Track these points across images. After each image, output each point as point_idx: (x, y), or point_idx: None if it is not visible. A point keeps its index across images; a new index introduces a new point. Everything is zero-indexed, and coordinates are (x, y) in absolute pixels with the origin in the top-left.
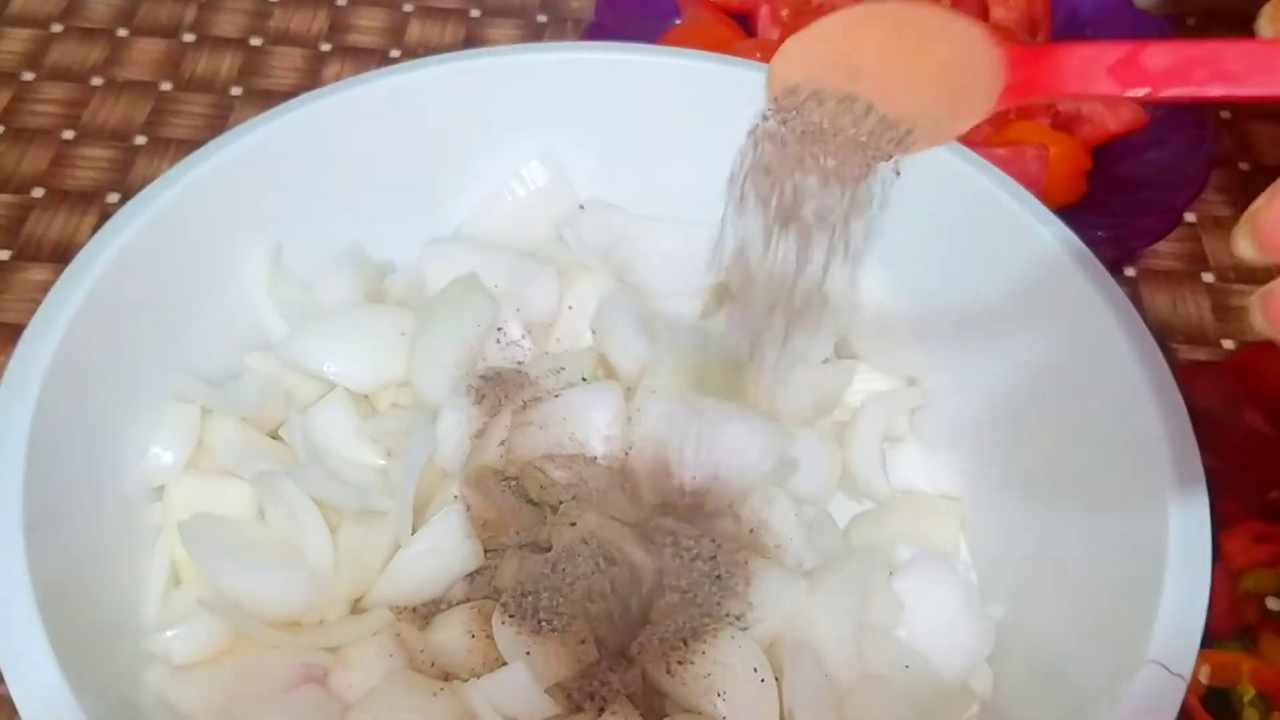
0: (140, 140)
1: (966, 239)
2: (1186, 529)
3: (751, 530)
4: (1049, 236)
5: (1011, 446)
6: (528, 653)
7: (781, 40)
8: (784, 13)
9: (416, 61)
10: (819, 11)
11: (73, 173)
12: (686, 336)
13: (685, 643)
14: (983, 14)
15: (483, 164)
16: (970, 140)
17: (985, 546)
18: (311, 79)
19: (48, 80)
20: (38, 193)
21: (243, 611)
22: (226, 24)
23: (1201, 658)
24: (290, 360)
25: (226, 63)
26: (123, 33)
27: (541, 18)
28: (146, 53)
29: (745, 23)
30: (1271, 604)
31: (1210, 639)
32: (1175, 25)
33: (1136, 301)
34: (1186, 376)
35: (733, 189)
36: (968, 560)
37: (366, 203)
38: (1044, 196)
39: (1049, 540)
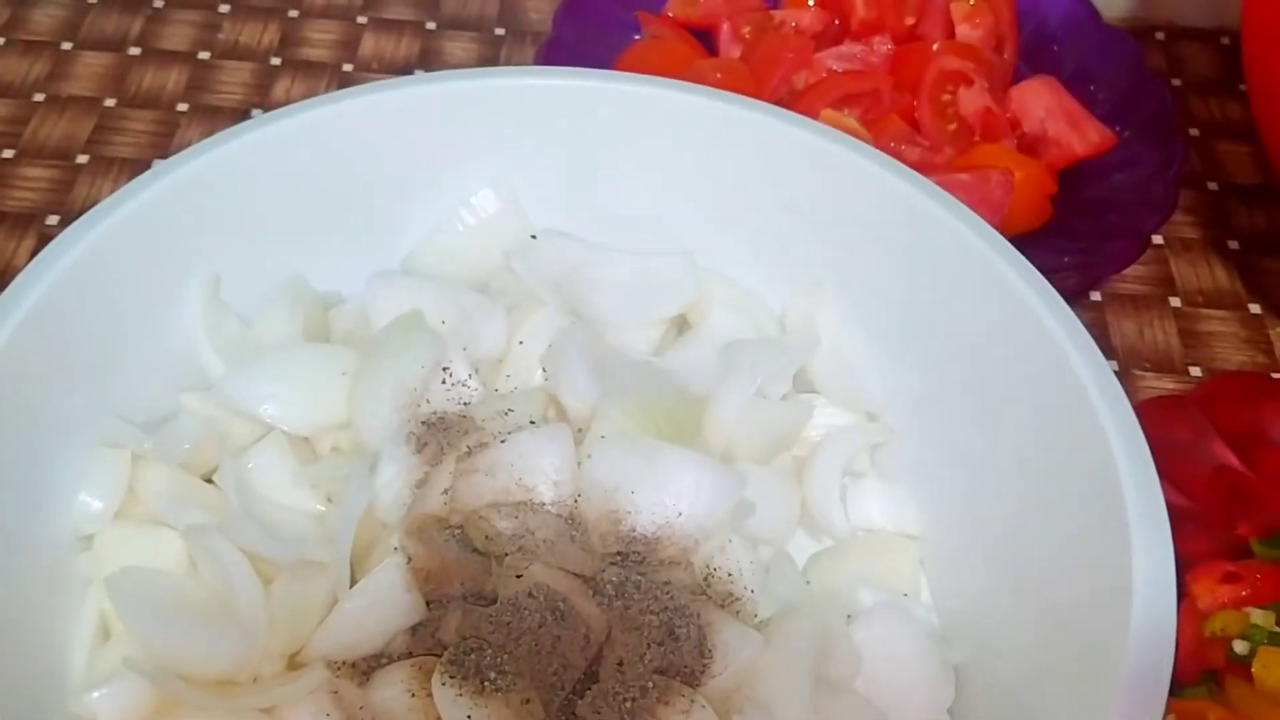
0: (82, 159)
1: (925, 272)
2: (1150, 575)
3: (705, 579)
4: (1008, 269)
5: (972, 483)
6: (469, 715)
7: (744, 58)
8: (746, 30)
9: (363, 87)
10: (779, 29)
11: (12, 194)
12: (640, 374)
13: (634, 701)
14: (949, 32)
15: (432, 192)
16: (933, 165)
17: (946, 586)
18: (260, 94)
19: None
20: None
21: (171, 672)
22: (174, 37)
23: (1167, 707)
24: (227, 402)
25: (173, 77)
26: (67, 46)
27: (499, 31)
28: (91, 67)
29: (706, 40)
30: (1239, 647)
31: (1175, 685)
32: (1144, 39)
33: (1103, 327)
34: (1153, 409)
35: None
36: (928, 602)
37: (311, 233)
38: (1009, 221)
39: (1011, 580)
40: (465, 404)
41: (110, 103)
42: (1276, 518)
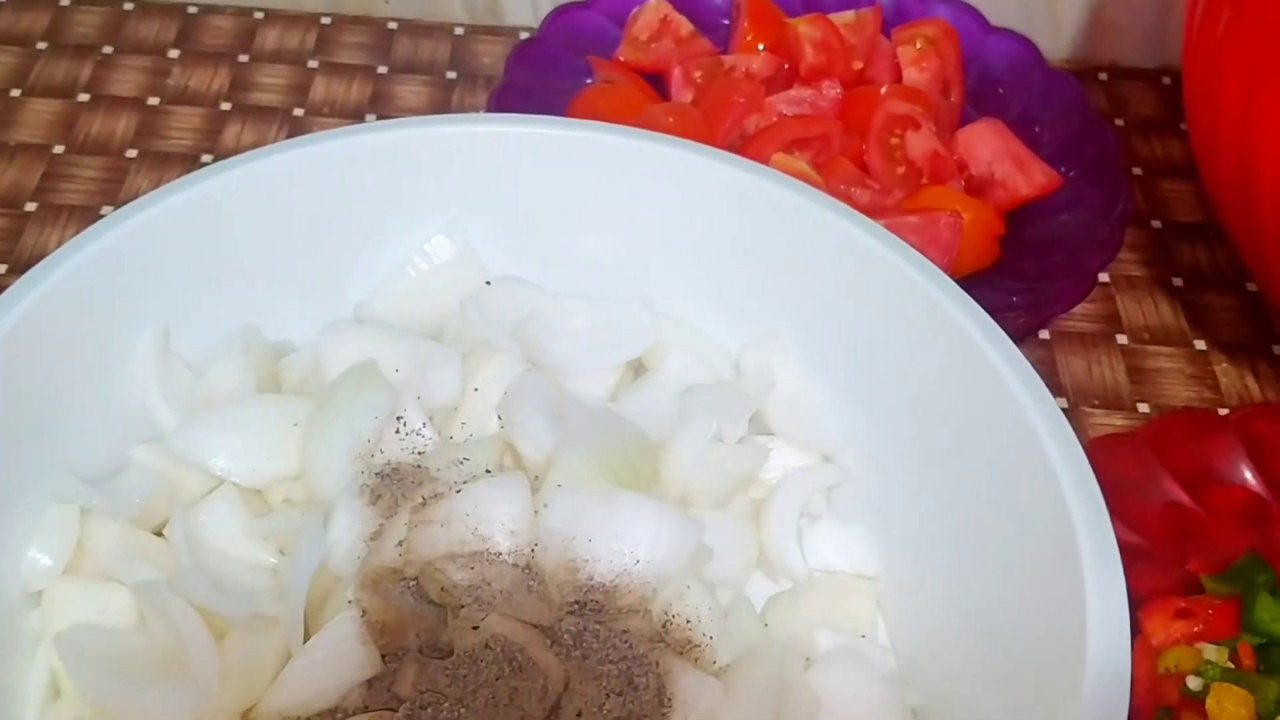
0: (31, 207)
1: (877, 316)
2: (1105, 616)
3: (664, 626)
4: (956, 311)
5: (927, 524)
6: None
7: (695, 102)
8: (697, 75)
9: (314, 135)
10: (730, 74)
11: None
12: (597, 420)
13: None
14: (896, 76)
15: (385, 239)
16: (883, 208)
17: (903, 626)
18: (211, 140)
19: None
20: None
21: None
22: (123, 83)
23: None
24: (178, 454)
25: (122, 124)
26: (15, 93)
27: (451, 75)
28: (39, 114)
29: (658, 84)
30: (1192, 683)
31: None
32: (1087, 80)
33: (1052, 365)
34: (1102, 448)
35: None
36: (885, 643)
37: (262, 282)
38: (958, 262)
39: (967, 620)
40: (420, 453)
41: (59, 149)
42: (1226, 553)
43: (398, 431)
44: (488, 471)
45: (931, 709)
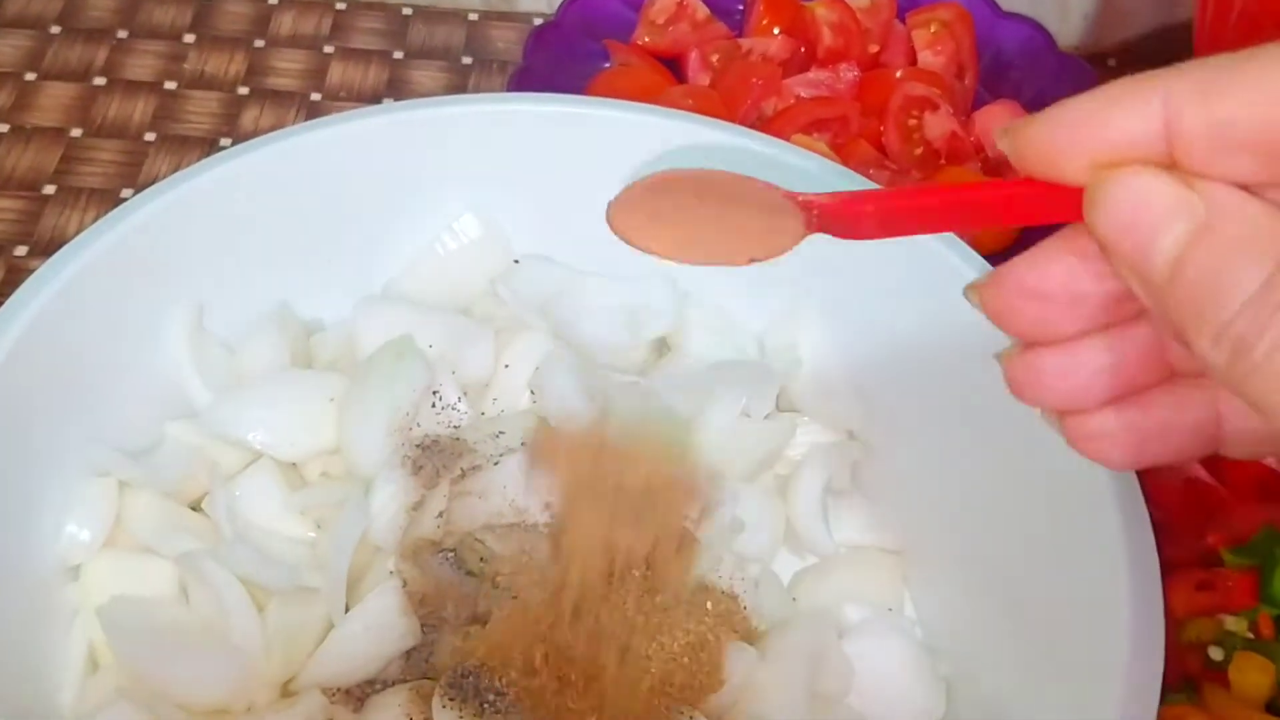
0: (49, 189)
1: (904, 292)
2: (1139, 589)
3: (698, 595)
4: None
5: (952, 498)
6: None
7: (713, 85)
8: (714, 58)
9: (342, 115)
10: (747, 57)
11: None
12: (628, 394)
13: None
14: (911, 59)
15: (413, 218)
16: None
17: (930, 601)
18: (229, 124)
19: None
20: None
21: (166, 700)
22: (139, 67)
23: None
24: (214, 429)
25: (140, 108)
26: (30, 76)
27: (466, 60)
28: (55, 98)
29: (675, 68)
30: (1214, 653)
31: None
32: (1096, 66)
33: None
34: None
35: None
36: (912, 616)
37: (293, 260)
38: (976, 243)
39: (994, 594)
40: (456, 427)
41: (76, 133)
42: (1245, 528)
43: (434, 406)
44: (523, 444)
45: (961, 680)
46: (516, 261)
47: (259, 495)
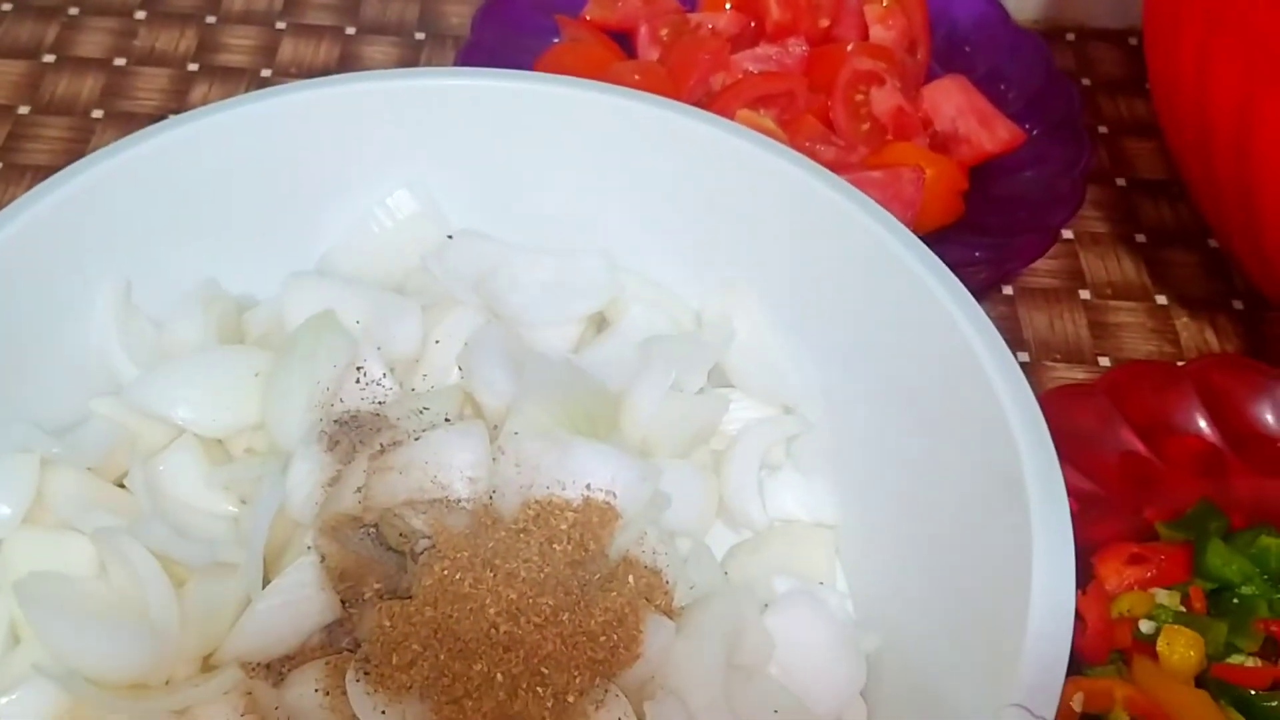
0: None
1: (838, 269)
2: (1050, 559)
3: (620, 569)
4: (917, 264)
5: (885, 473)
6: (383, 711)
7: (661, 60)
8: (663, 33)
9: (277, 88)
10: (696, 32)
11: None
12: (557, 371)
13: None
14: (863, 34)
15: (347, 193)
16: (847, 164)
17: (861, 573)
18: (177, 100)
19: None
20: None
21: (81, 677)
22: (89, 44)
23: (1074, 685)
24: (138, 405)
25: (89, 84)
26: None
27: (419, 35)
28: (4, 74)
29: (625, 42)
30: (1145, 627)
31: (1084, 664)
32: (1052, 41)
33: (1015, 320)
34: (1060, 398)
35: None
36: (844, 589)
37: (224, 235)
38: (922, 218)
39: (922, 569)
40: (380, 403)
41: (24, 110)
42: (1181, 502)
43: (358, 381)
44: (447, 420)
45: (887, 652)
46: (450, 237)
47: (181, 471)
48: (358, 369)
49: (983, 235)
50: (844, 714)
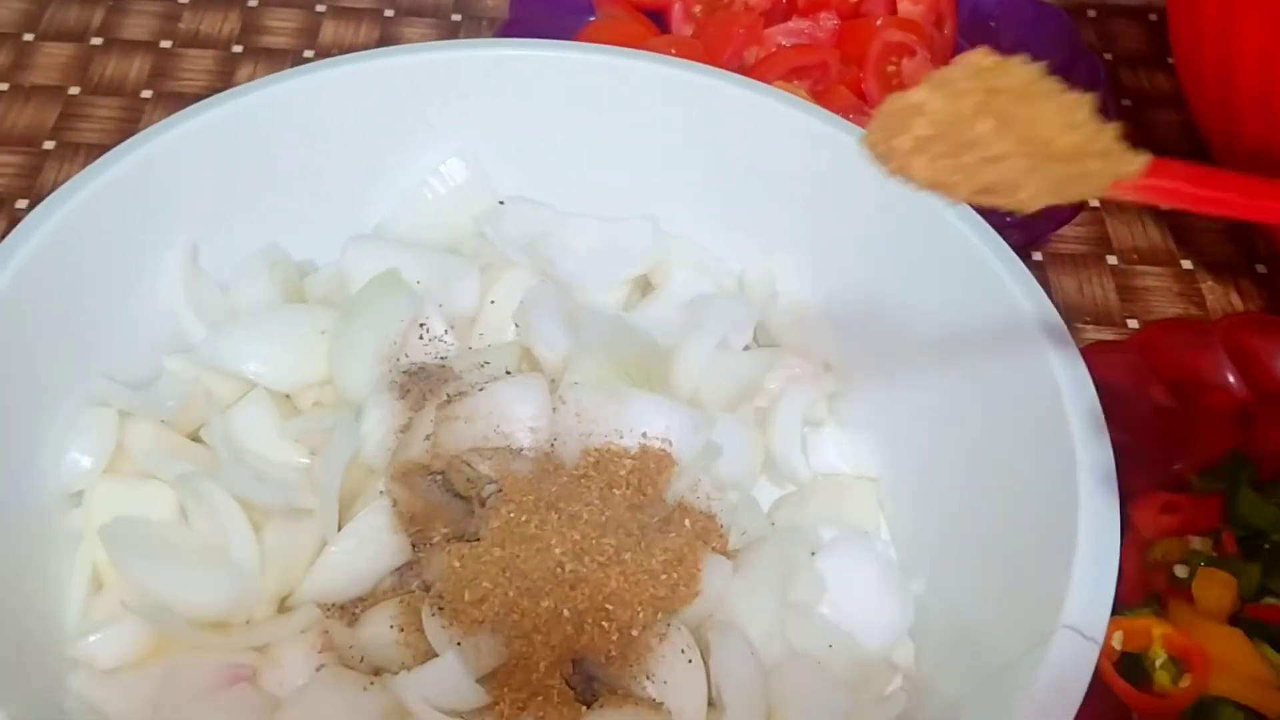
0: (49, 145)
1: (879, 226)
2: (1096, 500)
3: (677, 514)
4: (958, 222)
5: (927, 426)
6: (458, 644)
7: (696, 35)
8: (696, 9)
9: (333, 60)
10: (729, 8)
11: None
12: (610, 327)
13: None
14: (891, 9)
15: (401, 162)
16: None
17: (904, 524)
18: (224, 80)
19: None
20: None
21: (168, 613)
22: (135, 27)
23: (1114, 624)
24: (210, 361)
25: (136, 66)
26: (28, 37)
27: (456, 17)
28: (53, 57)
29: (659, 19)
30: (1179, 571)
31: (1122, 607)
32: (1077, 17)
33: (1045, 285)
34: (1093, 355)
35: None
36: (887, 539)
37: (284, 203)
38: None
39: (965, 516)
40: (442, 358)
41: (74, 91)
42: (1211, 453)
43: (421, 338)
44: (508, 373)
45: (933, 595)
46: (501, 203)
47: (254, 423)
48: (420, 325)
49: None
50: (892, 651)
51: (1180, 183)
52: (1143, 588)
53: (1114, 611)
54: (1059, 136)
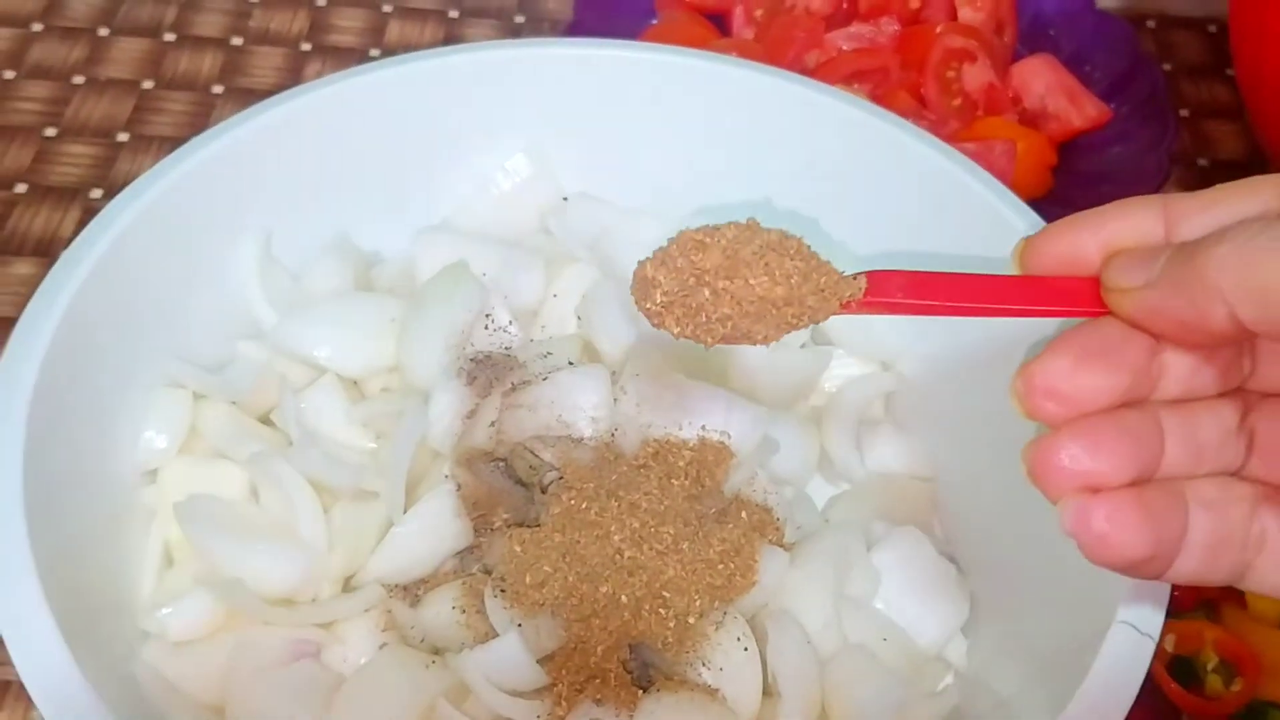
0: (123, 137)
1: (937, 228)
2: None
3: (734, 506)
4: (1020, 225)
5: (982, 427)
6: (519, 624)
7: (757, 39)
8: (758, 13)
9: (402, 56)
10: (791, 12)
11: (55, 169)
12: None
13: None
14: (951, 15)
15: (467, 157)
16: (940, 136)
17: (958, 523)
18: (293, 78)
19: (29, 79)
20: (21, 188)
21: (239, 588)
22: (207, 24)
23: (1166, 627)
24: (282, 346)
25: (208, 62)
26: (104, 32)
27: (519, 18)
28: (128, 52)
29: (720, 23)
30: None
31: (1175, 610)
32: (1136, 28)
33: None
34: None
35: None
36: (941, 537)
37: (353, 195)
38: (1013, 190)
39: (1019, 514)
40: (507, 348)
41: (148, 85)
42: None
43: (486, 328)
44: (570, 364)
45: (986, 594)
46: (565, 199)
47: (324, 407)
48: (486, 316)
49: (1072, 209)
50: (945, 647)
51: (896, 295)
52: (1195, 593)
53: (1167, 615)
54: (770, 291)
